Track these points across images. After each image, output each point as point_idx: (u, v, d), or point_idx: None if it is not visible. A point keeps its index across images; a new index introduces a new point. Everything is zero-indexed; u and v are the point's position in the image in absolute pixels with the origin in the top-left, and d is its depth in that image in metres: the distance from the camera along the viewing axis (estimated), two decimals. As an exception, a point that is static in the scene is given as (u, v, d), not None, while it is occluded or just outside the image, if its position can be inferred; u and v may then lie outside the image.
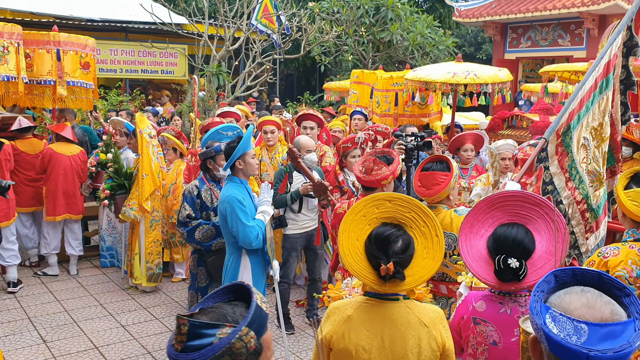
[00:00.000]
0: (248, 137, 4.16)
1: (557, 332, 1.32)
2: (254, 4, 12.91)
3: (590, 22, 14.77)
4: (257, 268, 4.24)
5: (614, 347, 1.26)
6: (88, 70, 7.17)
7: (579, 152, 3.72)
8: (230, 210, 4.01)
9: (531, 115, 8.04)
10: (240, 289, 1.56)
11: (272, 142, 6.27)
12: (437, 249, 2.23)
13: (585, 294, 1.39)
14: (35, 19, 13.05)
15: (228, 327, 1.42)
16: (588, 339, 1.29)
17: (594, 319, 1.32)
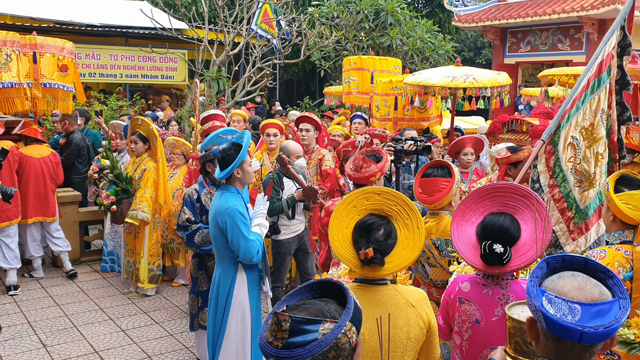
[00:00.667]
0: (247, 144, 3.93)
1: (554, 313, 1.48)
2: (254, 9, 12.94)
3: (589, 26, 14.79)
4: (254, 284, 4.02)
5: (604, 324, 1.44)
6: (66, 73, 7.18)
7: (565, 150, 3.71)
8: (232, 223, 3.76)
9: (531, 119, 8.04)
10: (325, 285, 1.57)
11: (274, 146, 6.24)
12: (417, 240, 2.37)
13: (575, 278, 1.56)
14: (36, 24, 13.07)
15: (329, 322, 1.42)
16: (581, 317, 1.46)
17: (586, 299, 1.49)
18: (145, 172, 6.31)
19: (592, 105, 3.75)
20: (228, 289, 3.95)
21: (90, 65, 13.41)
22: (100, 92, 14.15)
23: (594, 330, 1.44)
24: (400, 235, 2.39)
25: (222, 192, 3.93)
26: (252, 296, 3.98)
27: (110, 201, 6.28)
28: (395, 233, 2.39)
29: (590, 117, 3.75)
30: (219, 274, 4.02)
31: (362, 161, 3.85)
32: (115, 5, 16.81)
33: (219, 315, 3.95)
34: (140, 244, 6.45)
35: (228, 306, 3.92)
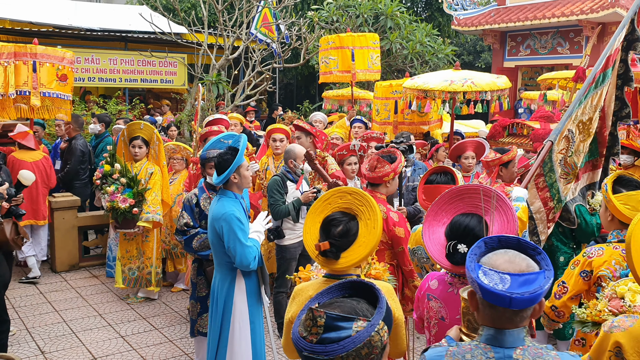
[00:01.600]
0: (243, 149, 3.89)
1: (488, 283, 1.73)
2: (253, 13, 12.93)
3: (589, 30, 14.79)
4: (253, 291, 3.97)
5: (529, 290, 1.68)
6: (65, 82, 7.32)
7: (560, 142, 3.69)
8: (228, 229, 3.72)
9: (532, 122, 8.02)
10: (355, 285, 1.65)
11: (279, 151, 6.18)
12: (371, 239, 2.53)
13: (507, 254, 1.81)
14: (35, 28, 13.05)
15: (362, 320, 1.49)
16: (510, 285, 1.71)
17: (514, 270, 1.74)
18: (152, 176, 6.33)
19: (594, 99, 3.73)
20: (227, 296, 3.89)
21: (90, 69, 13.37)
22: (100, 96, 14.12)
23: (521, 296, 1.68)
24: (361, 233, 2.56)
25: (220, 197, 3.89)
26: (251, 303, 3.92)
27: (129, 204, 6.17)
28: (357, 231, 2.56)
29: (589, 111, 3.73)
30: (217, 280, 3.98)
31: (376, 161, 3.97)
32: (115, 10, 16.82)
33: (219, 322, 3.90)
34: (151, 248, 6.43)
35: (228, 313, 3.87)
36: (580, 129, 3.74)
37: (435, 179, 3.69)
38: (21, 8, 14.20)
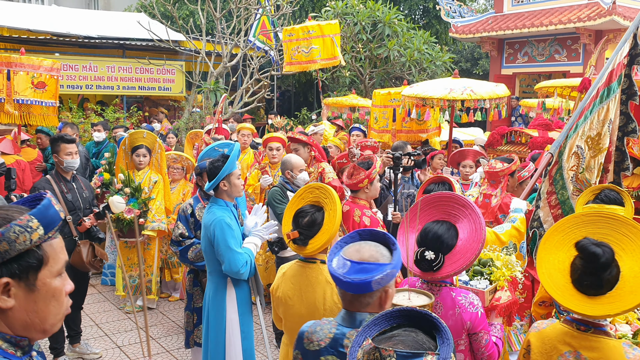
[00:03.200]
0: (234, 157, 3.87)
1: (334, 266, 1.98)
2: (251, 20, 12.94)
3: (586, 37, 14.82)
4: (244, 301, 3.91)
5: (360, 277, 1.89)
6: (44, 90, 7.50)
7: (569, 159, 3.70)
8: (218, 234, 3.71)
9: (530, 130, 8.01)
10: (404, 314, 1.60)
11: (276, 160, 6.15)
12: (331, 226, 2.89)
13: (361, 244, 2.03)
14: (32, 36, 13.04)
15: (431, 355, 1.42)
16: (348, 271, 1.93)
17: (356, 258, 1.96)
18: (156, 185, 6.31)
19: (600, 114, 3.73)
20: (218, 305, 3.86)
21: (88, 77, 13.35)
22: (98, 103, 14.10)
23: (351, 280, 1.89)
24: (325, 222, 2.92)
25: (211, 205, 3.90)
26: (242, 312, 3.88)
27: (135, 214, 6.08)
28: (322, 220, 2.93)
29: (597, 126, 3.73)
30: (209, 289, 3.95)
31: (353, 169, 4.20)
32: (113, 17, 16.83)
33: (214, 333, 3.86)
34: (152, 256, 6.41)
35: (221, 323, 3.83)
36: (590, 145, 3.75)
37: (433, 189, 3.73)
38: (19, 16, 14.20)
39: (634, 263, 2.12)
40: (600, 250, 2.11)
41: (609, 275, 2.10)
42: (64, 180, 5.10)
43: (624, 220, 2.20)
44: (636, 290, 2.06)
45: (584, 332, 2.18)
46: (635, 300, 2.05)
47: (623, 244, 2.16)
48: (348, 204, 4.24)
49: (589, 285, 2.13)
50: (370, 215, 4.14)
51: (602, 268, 2.10)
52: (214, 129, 7.24)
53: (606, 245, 2.13)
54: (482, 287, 2.91)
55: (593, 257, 2.11)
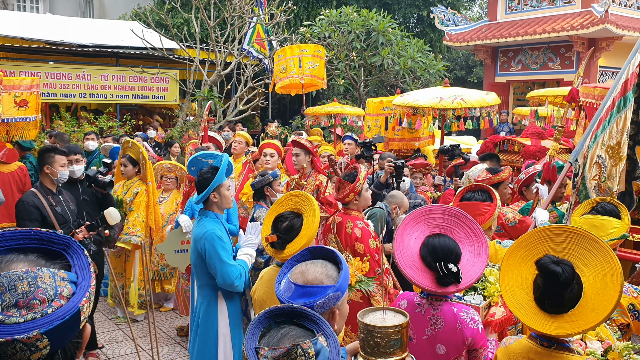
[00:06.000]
0: (224, 168, 3.77)
1: (281, 289, 1.99)
2: (246, 29, 12.96)
3: (579, 45, 14.89)
4: (235, 315, 3.82)
5: (302, 302, 1.84)
6: (26, 107, 7.67)
7: (591, 169, 3.74)
8: (210, 248, 3.60)
9: (523, 139, 8.02)
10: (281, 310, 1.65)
11: (269, 165, 6.11)
12: (309, 231, 3.00)
13: (308, 264, 2.02)
14: (25, 44, 13.02)
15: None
16: (292, 295, 1.93)
17: (300, 281, 1.95)
18: (137, 196, 6.21)
19: (619, 124, 3.76)
20: (210, 319, 3.77)
21: (81, 85, 13.34)
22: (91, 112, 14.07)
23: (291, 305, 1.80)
24: (304, 228, 3.02)
25: (201, 218, 3.81)
26: (233, 325, 3.79)
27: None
28: (300, 226, 3.04)
29: (617, 135, 3.76)
30: (199, 303, 3.85)
31: (339, 183, 4.25)
32: (107, 26, 16.81)
33: (205, 348, 3.79)
34: (131, 268, 6.33)
35: (213, 337, 3.75)
36: (610, 154, 3.79)
37: (472, 197, 3.65)
38: (12, 24, 14.18)
39: (596, 279, 2.07)
40: (559, 268, 2.06)
41: (570, 293, 2.06)
42: (50, 193, 4.93)
43: (585, 234, 2.14)
44: (597, 308, 2.02)
45: (547, 348, 2.14)
46: (596, 318, 2.00)
47: (585, 258, 2.12)
48: (341, 215, 4.23)
49: (550, 304, 2.09)
50: (362, 227, 4.12)
51: (563, 287, 2.06)
52: (200, 138, 7.21)
53: (566, 262, 2.08)
54: (476, 302, 2.88)
55: (553, 275, 2.06)
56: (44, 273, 1.21)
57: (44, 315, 1.17)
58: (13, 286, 1.17)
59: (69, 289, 1.23)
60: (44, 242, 1.32)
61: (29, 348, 1.14)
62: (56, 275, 1.23)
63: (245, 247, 3.82)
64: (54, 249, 1.32)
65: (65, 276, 1.24)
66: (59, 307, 1.19)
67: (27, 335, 1.14)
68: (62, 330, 1.19)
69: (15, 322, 1.15)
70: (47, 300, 1.18)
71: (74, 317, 1.20)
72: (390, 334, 2.21)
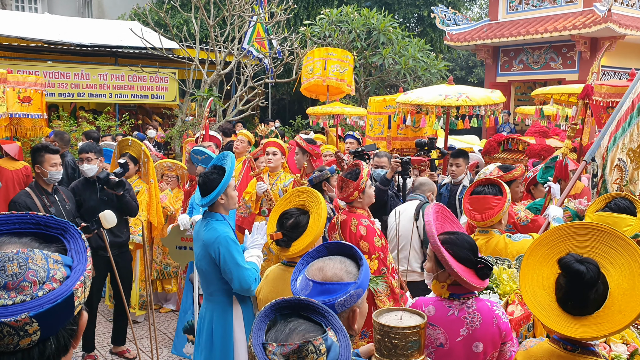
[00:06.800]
0: (231, 168, 3.59)
1: (297, 287, 1.88)
2: (245, 28, 12.86)
3: (581, 45, 14.80)
4: (250, 318, 3.60)
5: (323, 300, 1.73)
6: (29, 103, 7.87)
7: (612, 172, 3.67)
8: (225, 252, 3.38)
9: (527, 138, 7.92)
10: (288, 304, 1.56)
11: (272, 164, 6.00)
12: (315, 229, 2.92)
13: (326, 260, 1.91)
14: (24, 43, 12.92)
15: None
16: (310, 292, 1.82)
17: (319, 278, 1.85)
18: (138, 195, 6.11)
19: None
20: (225, 326, 3.54)
21: (80, 85, 13.24)
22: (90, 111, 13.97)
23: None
24: (310, 225, 2.94)
25: (208, 221, 3.57)
26: (248, 330, 3.60)
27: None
28: (306, 223, 2.95)
29: (637, 138, 3.71)
30: (211, 310, 3.61)
31: (341, 182, 4.14)
32: (105, 25, 16.72)
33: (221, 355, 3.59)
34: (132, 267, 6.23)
35: (229, 344, 3.54)
36: (632, 157, 3.74)
37: (482, 190, 3.65)
38: (11, 23, 14.08)
39: (622, 279, 1.95)
40: (583, 267, 1.94)
41: (594, 294, 1.94)
42: (45, 193, 4.79)
43: (611, 231, 2.02)
44: (625, 310, 1.90)
45: (570, 352, 2.02)
46: (624, 320, 1.88)
47: (611, 257, 1.99)
48: (345, 213, 4.13)
49: (574, 305, 1.97)
50: (367, 225, 4.03)
51: (587, 287, 1.93)
52: (201, 136, 7.12)
53: (591, 261, 1.96)
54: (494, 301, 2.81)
55: (577, 275, 1.94)
56: (36, 255, 1.13)
57: (34, 298, 1.08)
58: (2, 267, 1.09)
59: (62, 272, 1.15)
60: (41, 226, 1.24)
61: (17, 332, 1.06)
62: (49, 257, 1.15)
63: (252, 249, 3.65)
64: (50, 233, 1.24)
65: (59, 259, 1.16)
66: (50, 290, 1.10)
67: (15, 318, 1.05)
68: (53, 314, 1.10)
69: (3, 304, 1.06)
70: (38, 282, 1.10)
71: (67, 301, 1.12)
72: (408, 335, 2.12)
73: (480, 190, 3.65)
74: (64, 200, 4.92)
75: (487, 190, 3.63)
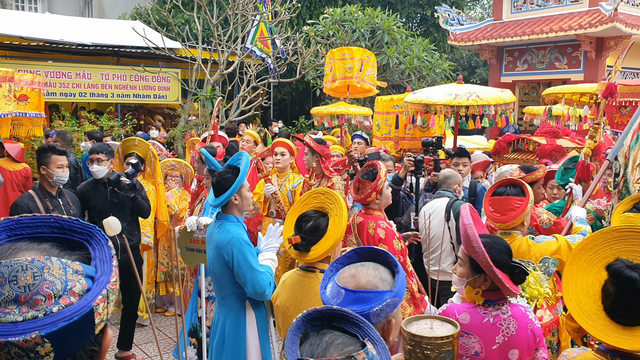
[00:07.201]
0: (246, 168, 3.47)
1: (328, 295, 1.75)
2: (248, 27, 12.74)
3: (587, 44, 14.68)
4: (263, 324, 3.51)
5: (357, 309, 1.60)
6: (26, 102, 7.60)
7: (634, 172, 3.56)
8: (238, 255, 3.27)
9: (538, 138, 7.79)
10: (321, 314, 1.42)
11: (280, 165, 5.87)
12: (336, 232, 2.76)
13: (358, 267, 1.78)
14: (25, 43, 12.80)
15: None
16: (342, 301, 1.69)
17: (351, 285, 1.72)
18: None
19: None
20: (240, 332, 3.43)
21: (81, 84, 13.11)
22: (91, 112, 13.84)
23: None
24: (329, 227, 2.80)
25: (221, 222, 3.45)
26: (262, 337, 3.48)
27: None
28: (326, 226, 2.80)
29: None
30: (223, 315, 3.49)
31: (358, 182, 3.97)
32: (107, 25, 16.60)
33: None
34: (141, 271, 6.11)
35: (242, 351, 3.42)
36: None
37: (504, 191, 3.52)
38: (12, 23, 13.96)
39: None
40: (636, 274, 1.83)
41: None
42: (49, 196, 4.58)
43: None
44: None
45: None
46: None
47: None
48: (361, 215, 4.00)
49: (625, 314, 1.84)
50: (386, 227, 3.89)
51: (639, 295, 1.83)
52: (210, 137, 6.99)
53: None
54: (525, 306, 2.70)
55: (628, 282, 1.83)
56: (53, 264, 1.00)
57: (47, 314, 0.95)
58: (14, 277, 0.96)
59: (82, 285, 1.02)
60: (65, 230, 1.11)
61: (27, 354, 0.93)
62: (68, 267, 1.02)
63: (267, 252, 3.50)
64: (75, 238, 1.11)
65: (79, 269, 1.03)
66: (67, 306, 0.97)
67: (24, 337, 0.92)
68: (69, 333, 0.96)
69: (12, 320, 0.93)
70: (54, 296, 0.97)
71: (86, 319, 0.98)
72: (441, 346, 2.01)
73: (502, 191, 3.52)
74: (68, 204, 4.71)
75: (509, 191, 3.50)
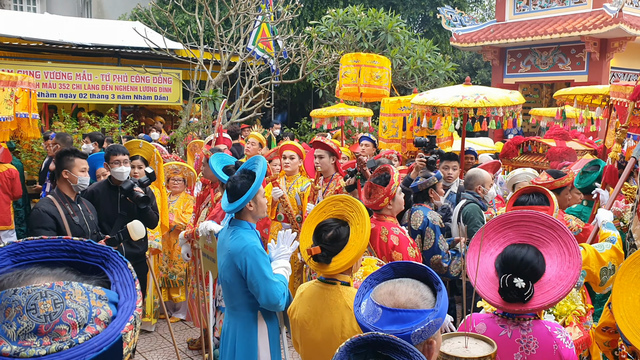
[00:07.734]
0: (262, 173, 3.32)
1: (363, 313, 1.63)
2: (250, 28, 12.60)
3: (591, 46, 14.57)
4: (275, 335, 3.37)
5: (396, 330, 1.50)
6: (16, 101, 7.35)
7: None
8: (252, 263, 3.13)
9: (547, 140, 7.67)
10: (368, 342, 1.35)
11: (289, 168, 5.73)
12: (359, 242, 2.59)
13: (396, 283, 1.65)
14: (24, 43, 12.65)
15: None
16: (380, 320, 1.56)
17: (389, 304, 1.58)
18: None
19: None
20: (251, 343, 3.29)
21: (81, 85, 12.95)
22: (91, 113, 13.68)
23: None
24: (351, 237, 2.64)
25: (235, 229, 3.31)
26: (273, 349, 3.34)
27: None
28: (347, 235, 2.65)
29: None
30: (234, 325, 3.35)
31: (370, 187, 3.83)
32: (107, 25, 16.45)
33: None
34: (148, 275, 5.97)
35: None
36: None
37: (527, 200, 3.34)
38: (10, 23, 13.80)
39: None
40: None
41: None
42: (68, 200, 4.37)
43: None
44: None
45: None
46: None
47: None
48: (373, 221, 3.84)
49: None
50: (399, 234, 3.75)
51: None
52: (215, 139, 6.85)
53: None
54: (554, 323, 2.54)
55: None
56: (75, 289, 0.89)
57: (73, 346, 0.85)
58: (33, 306, 0.84)
59: (107, 311, 0.91)
60: (77, 254, 0.99)
61: None
62: (91, 292, 0.91)
63: (279, 259, 3.34)
64: (89, 262, 0.99)
65: (102, 294, 0.92)
66: (93, 335, 0.87)
67: None
68: None
69: (35, 354, 0.82)
70: (78, 325, 0.87)
71: (114, 349, 0.88)
72: None
73: (525, 200, 3.35)
74: (87, 211, 4.52)
75: (532, 200, 3.33)
